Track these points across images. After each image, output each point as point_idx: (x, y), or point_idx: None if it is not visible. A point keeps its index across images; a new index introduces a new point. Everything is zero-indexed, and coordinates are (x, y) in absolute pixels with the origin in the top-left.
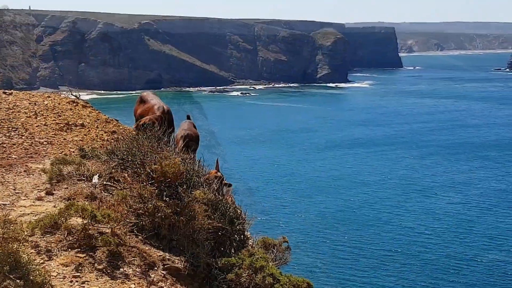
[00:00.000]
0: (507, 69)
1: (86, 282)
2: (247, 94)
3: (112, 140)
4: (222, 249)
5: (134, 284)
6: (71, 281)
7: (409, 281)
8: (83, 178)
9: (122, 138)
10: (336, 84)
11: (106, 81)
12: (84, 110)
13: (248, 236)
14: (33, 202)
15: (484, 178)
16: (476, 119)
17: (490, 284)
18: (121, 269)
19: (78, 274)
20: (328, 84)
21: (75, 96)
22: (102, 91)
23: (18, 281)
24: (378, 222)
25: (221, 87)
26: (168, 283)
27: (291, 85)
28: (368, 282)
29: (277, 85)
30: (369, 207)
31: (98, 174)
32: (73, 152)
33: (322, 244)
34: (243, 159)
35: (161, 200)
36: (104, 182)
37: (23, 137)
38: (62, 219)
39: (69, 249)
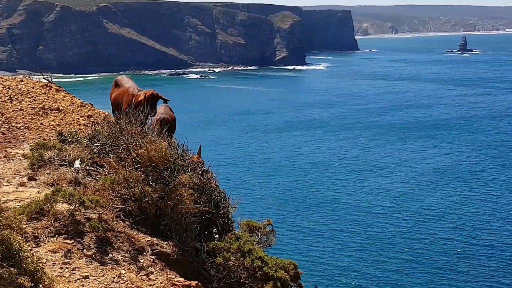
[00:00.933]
0: (459, 51)
1: (76, 269)
2: (206, 77)
3: (89, 125)
4: (206, 232)
5: (125, 269)
6: (61, 268)
7: (365, 260)
8: (65, 163)
9: (103, 122)
10: (294, 66)
11: (64, 64)
12: (58, 94)
13: (233, 219)
14: (16, 188)
15: (436, 156)
16: (428, 99)
17: (442, 261)
18: (110, 255)
19: (68, 260)
20: (286, 67)
21: (48, 80)
22: (61, 74)
23: (12, 269)
24: (335, 202)
25: (180, 70)
26: (157, 268)
27: (250, 68)
28: (325, 262)
29: (236, 68)
30: (326, 187)
31: (79, 159)
32: (52, 136)
33: (280, 225)
34: (201, 141)
35: (148, 185)
36: (87, 167)
37: (0, 122)
38: (48, 205)
39: (57, 235)
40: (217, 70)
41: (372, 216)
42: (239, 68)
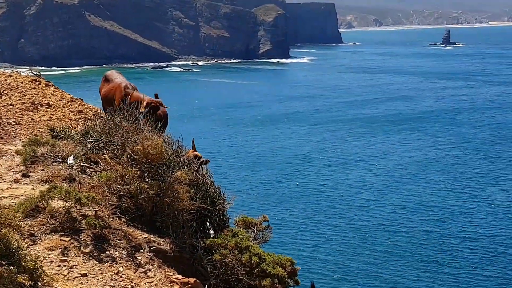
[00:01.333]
0: (442, 44)
1: (74, 267)
2: (190, 70)
3: (80, 120)
4: (201, 228)
5: (122, 267)
6: (59, 266)
7: (348, 253)
8: (58, 160)
9: (95, 118)
10: (278, 59)
11: (46, 57)
12: (48, 89)
13: (228, 216)
14: (10, 184)
15: (419, 149)
16: (411, 92)
17: (425, 254)
18: (108, 252)
19: (65, 258)
20: (270, 60)
21: (36, 74)
22: (43, 67)
23: (11, 267)
24: (319, 195)
25: (163, 63)
26: (155, 265)
27: (234, 61)
28: (308, 255)
29: (219, 61)
30: (310, 180)
31: (73, 155)
32: (43, 132)
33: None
34: (185, 135)
35: (144, 182)
36: (81, 164)
37: None
38: (44, 202)
39: (53, 233)
40: (200, 63)
41: (356, 209)
42: (223, 61)
